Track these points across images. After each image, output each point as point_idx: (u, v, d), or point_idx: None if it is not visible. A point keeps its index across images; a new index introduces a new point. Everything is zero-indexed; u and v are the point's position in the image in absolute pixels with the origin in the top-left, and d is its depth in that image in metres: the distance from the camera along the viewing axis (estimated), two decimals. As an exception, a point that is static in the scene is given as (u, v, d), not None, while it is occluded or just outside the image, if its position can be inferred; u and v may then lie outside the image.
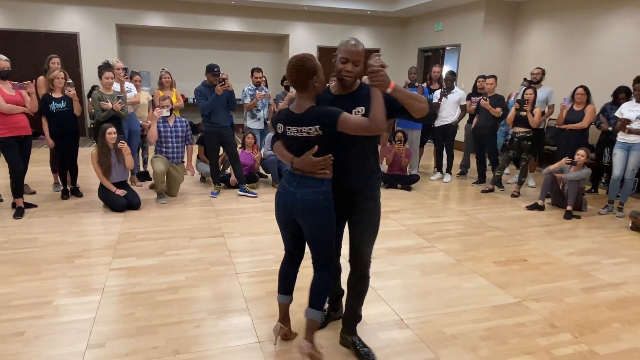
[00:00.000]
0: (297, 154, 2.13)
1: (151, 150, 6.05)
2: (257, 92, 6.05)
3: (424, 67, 10.60)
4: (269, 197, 5.47)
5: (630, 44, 6.64)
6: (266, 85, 6.67)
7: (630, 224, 4.71)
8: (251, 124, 6.24)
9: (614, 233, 4.56)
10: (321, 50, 10.74)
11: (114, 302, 2.88)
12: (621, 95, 5.62)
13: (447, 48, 9.94)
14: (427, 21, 10.30)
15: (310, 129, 2.04)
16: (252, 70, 6.14)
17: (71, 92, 4.84)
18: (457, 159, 7.16)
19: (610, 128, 5.59)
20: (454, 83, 6.41)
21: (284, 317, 2.45)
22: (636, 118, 4.83)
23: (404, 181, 6.03)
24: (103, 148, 4.66)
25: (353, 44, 2.04)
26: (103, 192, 4.77)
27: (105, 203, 4.81)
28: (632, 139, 4.88)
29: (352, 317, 2.42)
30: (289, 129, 2.11)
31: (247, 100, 6.09)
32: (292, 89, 6.21)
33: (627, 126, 4.85)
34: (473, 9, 8.83)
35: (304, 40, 10.62)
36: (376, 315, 2.81)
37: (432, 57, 10.44)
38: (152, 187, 5.60)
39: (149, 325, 2.62)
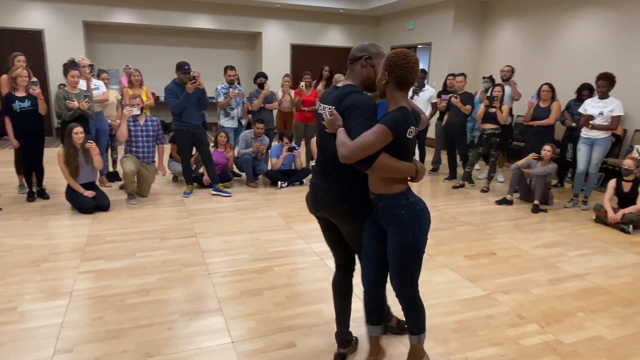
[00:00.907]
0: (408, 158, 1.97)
1: (121, 149, 5.93)
2: (231, 90, 5.99)
3: (397, 65, 10.70)
4: (242, 196, 5.43)
5: (592, 42, 6.87)
6: (239, 83, 6.62)
7: (594, 217, 4.88)
8: (225, 122, 6.18)
9: (579, 226, 4.72)
10: (294, 48, 10.72)
11: (82, 306, 2.81)
12: (584, 92, 5.82)
13: (419, 46, 10.07)
14: (399, 20, 10.41)
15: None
16: (226, 68, 6.08)
17: (36, 90, 4.69)
18: (429, 156, 7.27)
19: (574, 124, 5.78)
20: (425, 81, 6.50)
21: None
22: (599, 114, 5.00)
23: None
24: (70, 148, 4.53)
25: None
26: (71, 193, 4.65)
27: (73, 205, 4.69)
28: (595, 134, 5.06)
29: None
30: (411, 131, 1.90)
31: (221, 99, 6.03)
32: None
33: (590, 122, 5.02)
34: (443, 8, 8.97)
35: (277, 38, 10.57)
36: (353, 311, 2.82)
37: (404, 55, 10.55)
38: (122, 187, 5.48)
39: (118, 328, 2.57)
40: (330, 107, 2.00)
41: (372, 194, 2.00)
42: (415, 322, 2.09)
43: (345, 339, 2.35)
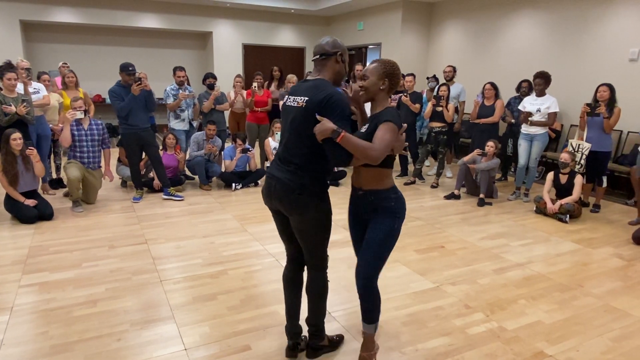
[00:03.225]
0: None
1: (65, 155, 5.67)
2: (181, 92, 5.87)
3: (348, 65, 10.83)
4: (195, 199, 5.35)
5: (530, 42, 7.26)
6: (189, 84, 6.50)
7: (534, 208, 5.16)
8: (175, 124, 6.05)
9: (521, 217, 4.98)
10: (246, 47, 10.63)
11: (24, 321, 2.68)
12: (524, 83, 6.14)
13: (370, 47, 10.25)
14: (350, 20, 10.54)
15: None
16: (175, 69, 5.95)
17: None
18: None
19: (513, 120, 6.09)
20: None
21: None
22: (537, 111, 5.29)
23: (332, 177, 6.16)
24: (8, 156, 4.30)
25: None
26: (10, 203, 4.40)
27: (13, 215, 4.45)
28: (534, 130, 5.35)
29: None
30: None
31: (170, 101, 5.90)
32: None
33: (529, 119, 5.30)
34: (392, 9, 9.18)
35: (228, 38, 10.44)
36: (305, 311, 2.85)
37: (355, 55, 10.71)
38: (66, 195, 5.25)
39: (64, 342, 2.47)
40: (302, 98, 2.06)
41: (360, 190, 2.16)
42: (375, 311, 2.23)
43: (295, 332, 2.39)
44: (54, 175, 5.85)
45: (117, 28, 9.91)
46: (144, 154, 5.22)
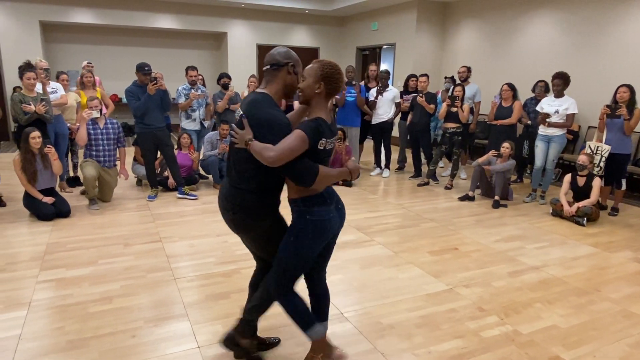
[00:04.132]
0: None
1: (81, 153, 5.76)
2: (192, 91, 5.92)
3: (362, 65, 10.82)
4: (209, 198, 5.38)
5: (548, 42, 7.15)
6: (203, 84, 6.54)
7: (551, 211, 5.09)
8: (186, 124, 6.10)
9: (537, 219, 4.91)
10: (260, 48, 10.68)
11: (42, 316, 2.73)
12: (540, 83, 6.04)
13: (384, 47, 10.21)
14: (364, 20, 10.52)
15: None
16: (187, 69, 6.00)
17: (-12, 94, 4.50)
18: (395, 155, 7.39)
19: (529, 122, 6.01)
20: (389, 81, 6.61)
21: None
22: (555, 112, 5.21)
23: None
24: (27, 154, 4.38)
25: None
26: (29, 200, 4.49)
27: (31, 212, 4.53)
28: (551, 131, 5.27)
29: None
30: (330, 142, 1.99)
31: (182, 100, 5.94)
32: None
33: (547, 120, 5.22)
34: (406, 9, 9.13)
35: (243, 38, 10.50)
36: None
37: (369, 55, 10.69)
38: (83, 193, 5.33)
39: (80, 338, 2.51)
40: (241, 112, 1.97)
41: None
42: (297, 320, 2.14)
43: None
44: (71, 174, 5.95)
45: (134, 28, 10.03)
46: (159, 153, 5.28)
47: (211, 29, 10.22)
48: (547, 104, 5.33)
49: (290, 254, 2.00)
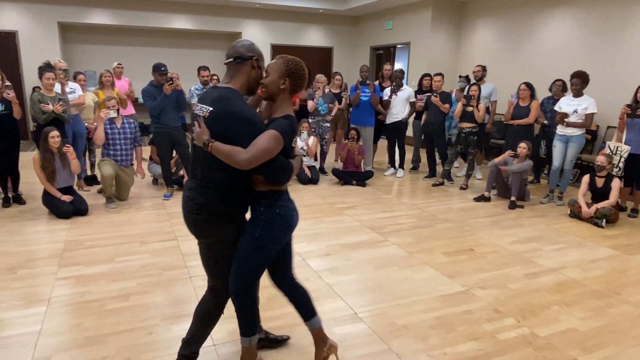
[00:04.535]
0: None
1: (98, 152, 5.84)
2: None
3: (377, 65, 10.78)
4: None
5: (566, 41, 7.04)
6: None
7: (569, 212, 5.01)
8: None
9: (554, 221, 4.83)
10: (275, 48, 10.70)
11: (60, 312, 2.77)
12: (558, 82, 5.94)
13: (398, 46, 10.16)
14: (378, 20, 10.48)
15: None
16: (199, 69, 6.04)
17: (10, 95, 4.59)
18: (409, 154, 7.35)
19: (546, 122, 5.92)
20: (403, 81, 6.58)
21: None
22: (573, 112, 5.13)
23: (359, 177, 6.13)
24: (46, 153, 4.46)
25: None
26: (47, 198, 4.57)
27: (50, 210, 4.61)
28: (570, 131, 5.19)
29: None
30: (295, 140, 2.03)
31: (194, 101, 5.99)
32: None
33: (565, 120, 5.14)
34: (421, 8, 9.07)
35: (257, 38, 10.53)
36: (331, 311, 2.86)
37: (383, 55, 10.64)
38: (100, 191, 5.41)
39: (98, 334, 2.55)
40: (207, 108, 1.86)
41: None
42: (243, 324, 2.11)
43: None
44: (89, 172, 6.04)
45: (149, 29, 10.14)
46: (174, 152, 5.33)
47: (226, 29, 10.28)
48: (566, 104, 5.24)
49: (254, 248, 1.94)
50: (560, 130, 5.29)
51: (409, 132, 7.01)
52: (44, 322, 2.66)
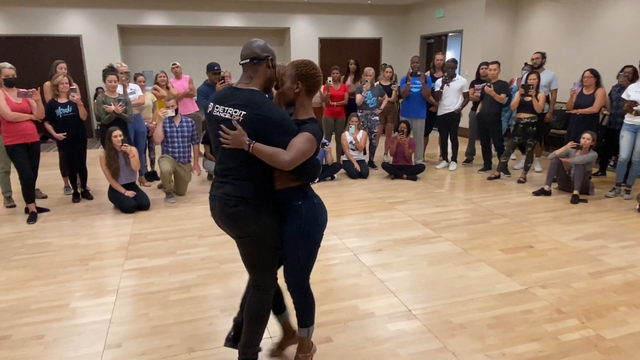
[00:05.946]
0: None
1: (158, 149, 6.12)
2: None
3: (427, 54, 10.53)
4: (275, 192, 5.51)
5: (635, 23, 6.55)
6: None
7: (637, 207, 4.70)
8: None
9: (622, 216, 4.55)
10: (322, 42, 10.71)
11: (128, 302, 2.95)
12: (627, 68, 5.54)
13: (450, 35, 9.87)
14: (428, 8, 10.21)
15: None
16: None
17: (75, 97, 4.90)
18: (462, 147, 7.15)
19: (605, 112, 5.55)
20: (456, 71, 6.39)
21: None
22: (642, 99, 4.78)
23: (410, 171, 6.05)
24: (110, 151, 4.73)
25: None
26: (113, 194, 4.85)
27: (115, 205, 4.90)
28: (639, 121, 4.85)
29: None
30: None
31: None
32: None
33: (635, 108, 4.81)
34: (474, -6, 8.74)
35: (305, 33, 10.59)
36: (384, 307, 2.86)
37: (434, 44, 10.37)
38: (160, 187, 5.67)
39: (163, 324, 2.69)
40: (238, 112, 1.88)
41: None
42: (306, 314, 2.19)
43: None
44: (149, 169, 6.34)
45: (202, 28, 10.45)
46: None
47: (275, 25, 10.40)
48: (635, 91, 4.90)
49: (304, 242, 2.02)
50: (628, 119, 4.95)
51: (463, 123, 6.81)
52: (114, 312, 2.84)
